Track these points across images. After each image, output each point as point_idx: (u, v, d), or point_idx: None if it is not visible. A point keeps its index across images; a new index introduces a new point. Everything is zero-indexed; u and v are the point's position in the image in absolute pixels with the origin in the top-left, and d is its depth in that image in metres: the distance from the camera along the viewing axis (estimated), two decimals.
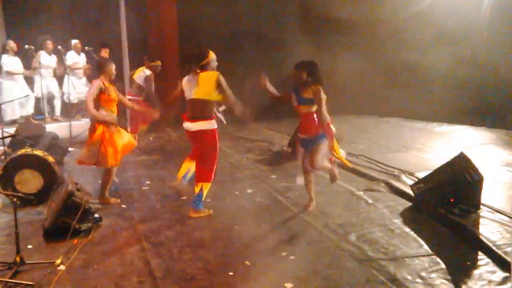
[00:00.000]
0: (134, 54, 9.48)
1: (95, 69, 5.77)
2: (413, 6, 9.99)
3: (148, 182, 6.08)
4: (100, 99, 5.03)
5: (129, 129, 7.30)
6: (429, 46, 9.72)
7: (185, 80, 4.84)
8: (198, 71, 4.70)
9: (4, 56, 8.53)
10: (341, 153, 4.73)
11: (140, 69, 7.49)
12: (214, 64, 4.77)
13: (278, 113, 8.79)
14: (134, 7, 9.77)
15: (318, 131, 4.57)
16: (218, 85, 4.58)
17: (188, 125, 4.73)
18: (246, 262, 3.72)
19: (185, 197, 5.31)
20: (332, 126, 4.50)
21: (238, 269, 3.61)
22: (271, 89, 4.83)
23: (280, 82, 5.45)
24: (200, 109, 4.66)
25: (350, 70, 10.96)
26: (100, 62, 5.50)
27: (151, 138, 9.00)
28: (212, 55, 4.75)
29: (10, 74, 8.54)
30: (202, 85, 4.62)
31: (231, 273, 3.54)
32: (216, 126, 4.71)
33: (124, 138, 5.26)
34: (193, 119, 4.69)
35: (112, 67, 5.23)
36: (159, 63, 7.63)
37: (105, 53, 9.12)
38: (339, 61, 10.81)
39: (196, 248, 4.02)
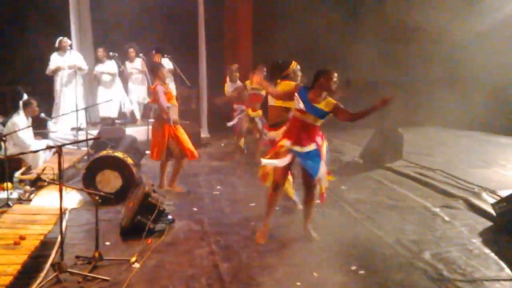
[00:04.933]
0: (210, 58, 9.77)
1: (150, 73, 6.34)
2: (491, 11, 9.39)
3: (218, 187, 6.20)
4: None
5: None
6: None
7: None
8: (279, 80, 4.89)
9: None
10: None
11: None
12: (297, 74, 4.92)
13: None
14: (212, 8, 9.99)
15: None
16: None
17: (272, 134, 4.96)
18: (314, 273, 3.67)
19: (254, 204, 5.35)
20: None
21: (306, 280, 3.57)
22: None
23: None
24: (279, 116, 4.88)
25: (427, 81, 10.50)
26: (153, 67, 5.93)
27: (222, 144, 9.17)
28: (294, 66, 4.91)
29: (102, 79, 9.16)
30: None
31: (298, 283, 3.52)
32: None
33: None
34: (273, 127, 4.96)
35: (164, 70, 5.76)
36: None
37: (157, 58, 9.39)
38: (415, 71, 10.40)
39: (264, 255, 4.03)
